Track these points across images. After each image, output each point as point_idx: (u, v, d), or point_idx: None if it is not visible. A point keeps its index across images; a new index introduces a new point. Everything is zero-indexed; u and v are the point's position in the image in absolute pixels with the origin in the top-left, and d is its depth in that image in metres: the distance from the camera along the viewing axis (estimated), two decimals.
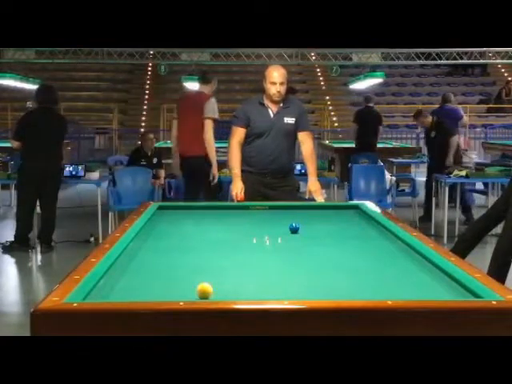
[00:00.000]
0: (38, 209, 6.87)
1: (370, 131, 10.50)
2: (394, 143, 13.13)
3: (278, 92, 4.43)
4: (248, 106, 4.63)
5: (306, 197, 4.23)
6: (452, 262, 2.52)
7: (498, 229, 7.15)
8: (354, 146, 11.00)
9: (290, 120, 4.53)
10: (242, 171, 4.56)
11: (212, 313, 1.92)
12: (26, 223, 6.76)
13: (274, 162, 4.50)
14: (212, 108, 6.26)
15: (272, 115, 4.53)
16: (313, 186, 4.32)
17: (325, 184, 6.68)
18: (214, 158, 6.26)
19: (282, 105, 4.55)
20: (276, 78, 4.40)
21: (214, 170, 6.31)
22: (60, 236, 7.07)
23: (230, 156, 4.48)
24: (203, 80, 6.59)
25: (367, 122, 10.55)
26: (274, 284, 2.37)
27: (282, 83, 4.41)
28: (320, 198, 4.18)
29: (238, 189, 4.23)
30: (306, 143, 4.60)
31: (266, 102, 4.53)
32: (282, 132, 4.55)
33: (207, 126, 6.16)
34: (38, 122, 6.64)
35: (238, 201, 3.91)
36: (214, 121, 6.31)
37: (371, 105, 10.98)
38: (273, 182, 4.55)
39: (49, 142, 6.60)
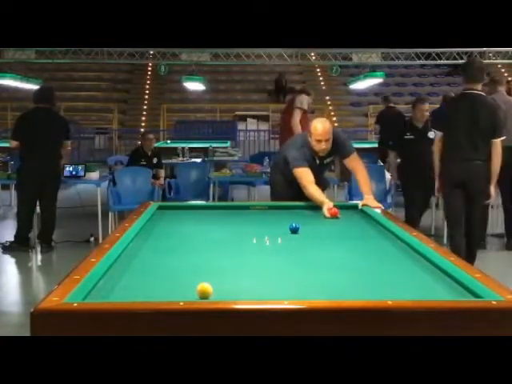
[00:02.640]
0: (37, 209, 6.87)
1: (392, 131, 10.50)
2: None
3: (324, 149, 4.46)
4: (302, 151, 4.50)
5: (359, 208, 4.18)
6: (452, 261, 2.53)
7: (498, 229, 7.18)
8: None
9: (328, 159, 4.70)
10: (276, 178, 4.88)
11: (212, 313, 1.92)
12: (26, 223, 6.75)
13: None
14: (300, 100, 8.08)
15: (318, 162, 4.59)
16: (369, 203, 4.18)
17: None
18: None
19: None
20: (321, 135, 4.39)
21: None
22: (60, 236, 7.06)
23: (312, 195, 4.23)
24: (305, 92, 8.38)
25: (389, 121, 10.53)
26: (273, 284, 2.37)
27: (327, 140, 4.41)
28: (378, 209, 4.06)
29: (328, 205, 3.94)
30: (355, 168, 4.62)
31: (313, 153, 4.52)
32: (322, 170, 4.80)
33: (294, 113, 7.85)
34: (35, 121, 6.63)
35: (332, 214, 3.84)
36: (302, 110, 8.02)
37: (392, 105, 10.96)
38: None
39: (47, 142, 6.59)
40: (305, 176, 4.37)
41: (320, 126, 4.41)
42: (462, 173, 5.03)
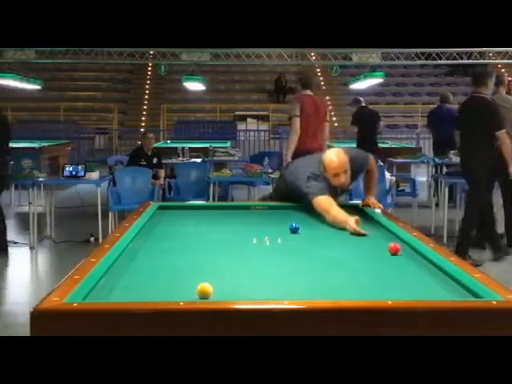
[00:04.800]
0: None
1: (370, 130, 10.51)
2: (390, 142, 13.11)
3: (343, 183, 4.00)
4: (324, 183, 3.94)
5: (359, 208, 4.04)
6: (452, 262, 2.53)
7: (498, 229, 7.17)
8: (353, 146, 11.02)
9: (352, 184, 4.35)
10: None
11: (212, 313, 1.92)
12: None
13: None
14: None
15: (340, 191, 4.19)
16: (370, 203, 4.08)
17: None
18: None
19: None
20: (338, 169, 3.91)
21: None
22: (60, 236, 7.07)
23: (335, 217, 3.63)
24: (310, 85, 7.51)
25: (366, 121, 10.54)
26: (273, 284, 2.37)
27: (345, 171, 3.94)
28: (378, 209, 4.00)
29: (353, 220, 3.50)
30: (370, 171, 4.39)
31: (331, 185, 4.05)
32: (341, 194, 4.42)
33: (328, 127, 7.47)
34: None
35: (355, 229, 3.43)
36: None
37: (364, 104, 10.98)
38: None
39: None
40: (329, 203, 3.78)
41: (333, 159, 3.93)
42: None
